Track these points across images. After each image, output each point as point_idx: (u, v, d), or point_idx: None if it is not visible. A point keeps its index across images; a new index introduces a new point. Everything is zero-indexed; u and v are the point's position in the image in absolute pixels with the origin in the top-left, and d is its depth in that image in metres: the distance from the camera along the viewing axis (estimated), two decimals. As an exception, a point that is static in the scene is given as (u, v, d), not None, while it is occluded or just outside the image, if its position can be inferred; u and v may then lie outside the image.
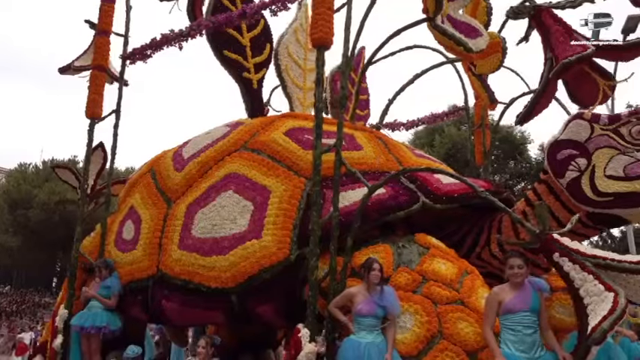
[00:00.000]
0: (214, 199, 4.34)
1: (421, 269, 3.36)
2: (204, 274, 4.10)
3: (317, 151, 3.60)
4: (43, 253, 23.02)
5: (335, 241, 3.44)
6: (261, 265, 3.83)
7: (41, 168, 27.08)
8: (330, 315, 3.28)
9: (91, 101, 5.59)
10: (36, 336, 9.83)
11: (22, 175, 26.54)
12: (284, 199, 4.04)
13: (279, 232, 3.89)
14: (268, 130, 4.76)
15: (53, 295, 24.45)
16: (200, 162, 4.77)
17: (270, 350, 6.76)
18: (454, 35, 4.35)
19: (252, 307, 3.96)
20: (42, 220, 21.89)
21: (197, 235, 4.27)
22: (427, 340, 3.02)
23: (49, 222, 21.74)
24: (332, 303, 3.22)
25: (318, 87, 3.71)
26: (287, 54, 6.39)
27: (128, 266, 4.77)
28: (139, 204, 5.05)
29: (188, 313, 4.28)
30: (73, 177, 6.34)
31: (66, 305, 5.03)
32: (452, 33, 4.31)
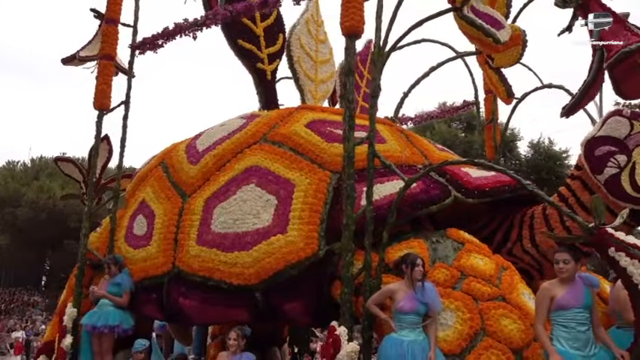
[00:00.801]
0: (235, 192, 4.19)
1: (459, 265, 3.26)
2: (226, 270, 3.95)
3: (350, 143, 3.47)
4: (32, 252, 22.52)
5: (370, 235, 3.32)
6: (288, 261, 3.69)
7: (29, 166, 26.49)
8: (367, 312, 3.15)
9: (100, 92, 5.37)
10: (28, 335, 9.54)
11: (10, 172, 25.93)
12: (309, 193, 3.91)
13: (305, 227, 3.75)
14: (288, 122, 4.62)
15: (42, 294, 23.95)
16: (217, 154, 4.60)
17: (275, 348, 6.63)
18: (483, 26, 4.25)
19: (278, 305, 3.82)
20: (30, 219, 21.40)
21: (217, 230, 4.12)
22: (470, 337, 2.92)
23: (37, 220, 21.27)
24: (370, 300, 3.10)
25: (349, 77, 3.57)
26: (299, 45, 6.24)
27: (141, 263, 4.59)
28: (151, 198, 4.87)
29: (208, 312, 4.12)
30: (76, 170, 6.08)
31: (74, 304, 4.83)
32: (481, 24, 4.21)
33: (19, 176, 25.14)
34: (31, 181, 23.73)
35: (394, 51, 4.27)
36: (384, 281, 3.24)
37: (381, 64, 3.60)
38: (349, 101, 3.55)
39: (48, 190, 22.42)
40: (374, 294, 3.16)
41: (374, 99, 3.56)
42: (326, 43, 6.89)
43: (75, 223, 21.71)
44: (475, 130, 22.28)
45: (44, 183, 23.19)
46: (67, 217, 21.82)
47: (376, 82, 3.57)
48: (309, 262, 3.64)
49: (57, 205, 21.67)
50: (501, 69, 5.95)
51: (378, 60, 3.60)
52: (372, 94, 3.57)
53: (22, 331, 10.49)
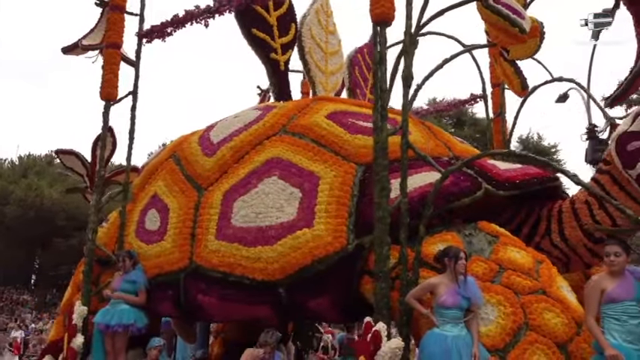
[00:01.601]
0: (256, 185, 4.05)
1: (497, 258, 3.18)
2: (248, 265, 3.82)
3: (383, 133, 3.36)
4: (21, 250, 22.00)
5: (405, 228, 3.22)
6: (315, 255, 3.58)
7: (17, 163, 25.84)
8: (406, 307, 3.06)
9: (106, 82, 5.17)
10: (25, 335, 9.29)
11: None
12: (335, 185, 3.79)
13: (332, 220, 3.63)
14: (307, 113, 4.49)
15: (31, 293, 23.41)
16: (234, 146, 4.45)
17: (281, 345, 6.52)
18: (509, 16, 4.18)
19: (303, 301, 3.70)
20: (18, 217, 20.88)
21: (238, 224, 3.97)
22: (514, 332, 2.85)
23: (25, 218, 20.77)
24: (410, 294, 3.00)
25: (381, 66, 3.46)
26: (310, 36, 6.10)
27: (155, 259, 4.43)
28: (164, 192, 4.69)
29: (229, 308, 3.98)
30: (79, 163, 5.84)
31: (83, 301, 4.64)
32: (507, 13, 4.13)
33: (7, 174, 24.51)
34: (19, 179, 23.15)
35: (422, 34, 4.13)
36: (421, 275, 3.14)
37: (413, 53, 3.49)
38: (382, 90, 3.44)
39: (36, 188, 21.91)
40: (413, 288, 3.06)
41: (406, 88, 3.45)
42: (335, 34, 6.76)
43: (63, 221, 21.28)
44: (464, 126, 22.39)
45: (32, 181, 22.65)
46: (55, 215, 21.35)
47: (409, 69, 3.46)
48: (337, 257, 3.52)
49: (45, 203, 21.20)
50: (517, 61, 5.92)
51: (410, 47, 3.49)
52: (404, 83, 3.46)
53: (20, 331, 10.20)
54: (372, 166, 3.84)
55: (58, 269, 20.81)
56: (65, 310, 5.24)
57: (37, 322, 16.48)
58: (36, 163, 25.12)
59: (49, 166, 25.15)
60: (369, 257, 3.49)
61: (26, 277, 25.00)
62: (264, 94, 8.59)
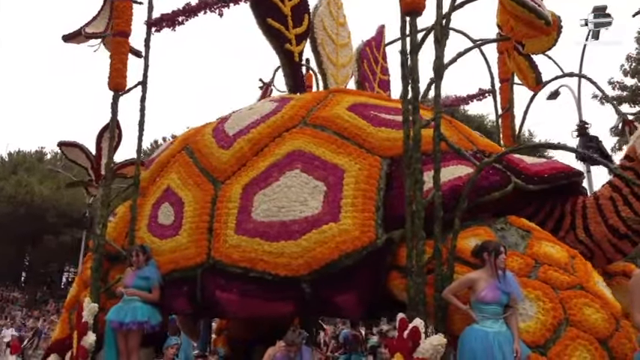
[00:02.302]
0: (277, 178, 3.93)
1: (532, 252, 3.13)
2: (271, 261, 3.71)
3: (416, 125, 3.27)
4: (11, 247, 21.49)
5: (439, 222, 3.14)
6: (342, 250, 3.48)
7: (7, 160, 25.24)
8: (441, 303, 2.98)
9: (115, 71, 4.98)
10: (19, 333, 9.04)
11: (-13, 167, 24.64)
12: (360, 179, 3.70)
13: (359, 214, 3.54)
14: (327, 105, 4.37)
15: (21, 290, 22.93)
16: (252, 139, 4.32)
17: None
18: (535, 8, 4.12)
19: (328, 297, 3.60)
20: (8, 214, 20.38)
21: (259, 218, 3.86)
22: (554, 327, 2.80)
23: (15, 215, 20.29)
24: (447, 290, 2.92)
25: (413, 56, 3.36)
26: (322, 27, 5.99)
27: (169, 254, 4.28)
28: (178, 185, 4.54)
29: (249, 305, 3.86)
30: (83, 156, 5.63)
31: (93, 298, 4.47)
32: (533, 6, 4.07)
33: (-3, 171, 23.96)
34: (8, 176, 22.60)
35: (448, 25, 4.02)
36: (457, 271, 3.07)
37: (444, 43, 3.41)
38: (414, 81, 3.35)
39: (26, 185, 21.42)
40: (447, 284, 2.99)
41: (438, 79, 3.36)
42: (345, 26, 6.66)
43: (53, 218, 20.87)
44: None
45: (22, 177, 22.14)
46: (45, 212, 20.92)
47: (440, 60, 3.37)
48: (366, 252, 3.43)
49: (35, 199, 20.76)
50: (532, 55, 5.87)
51: (442, 38, 3.40)
52: (436, 74, 3.37)
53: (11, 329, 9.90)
54: (397, 159, 3.77)
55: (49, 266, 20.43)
56: (70, 307, 5.07)
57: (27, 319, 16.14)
58: (26, 159, 24.59)
59: (40, 163, 24.66)
60: (398, 252, 3.41)
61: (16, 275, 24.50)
62: (266, 87, 8.46)
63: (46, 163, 24.78)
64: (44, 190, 21.51)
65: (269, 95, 8.44)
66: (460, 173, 3.56)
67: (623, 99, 17.49)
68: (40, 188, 21.65)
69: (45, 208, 20.89)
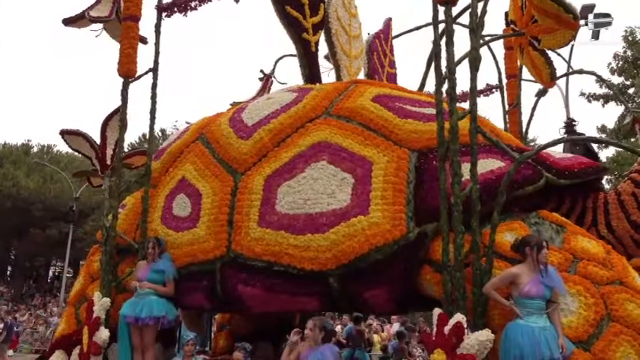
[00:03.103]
0: (303, 170, 3.82)
1: (570, 247, 3.09)
2: (297, 254, 3.60)
3: (454, 116, 3.19)
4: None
5: (477, 216, 3.07)
6: (372, 244, 3.40)
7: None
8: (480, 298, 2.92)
9: (125, 57, 4.79)
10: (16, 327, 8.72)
11: (-27, 160, 23.85)
12: (389, 171, 3.61)
13: (390, 207, 3.46)
14: (351, 96, 4.27)
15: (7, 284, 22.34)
16: (273, 129, 4.20)
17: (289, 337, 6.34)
18: (564, 2, 4.08)
19: (357, 292, 3.52)
20: (-7, 207, 19.84)
21: (284, 210, 3.74)
22: (596, 323, 2.77)
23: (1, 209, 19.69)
24: (489, 285, 2.86)
25: (450, 47, 3.28)
26: (336, 17, 5.88)
27: (187, 247, 4.14)
28: (194, 176, 4.39)
29: (272, 300, 3.76)
30: (87, 145, 5.41)
31: (104, 292, 4.30)
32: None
33: (-19, 164, 23.21)
34: (-6, 169, 22.00)
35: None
36: (495, 266, 3.01)
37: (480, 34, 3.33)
38: (451, 72, 3.26)
39: (12, 178, 20.82)
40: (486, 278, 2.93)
41: (474, 71, 3.29)
42: (357, 18, 6.56)
43: (40, 212, 20.39)
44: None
45: (8, 170, 21.52)
46: (31, 206, 20.39)
47: (477, 51, 3.30)
48: (397, 246, 3.35)
49: (21, 193, 20.20)
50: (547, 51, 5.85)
51: (477, 29, 3.33)
52: (471, 66, 3.29)
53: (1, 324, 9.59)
54: (425, 152, 3.70)
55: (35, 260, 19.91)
56: (75, 301, 4.88)
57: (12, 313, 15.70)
58: (12, 152, 23.90)
59: (26, 156, 24.01)
60: (431, 246, 3.35)
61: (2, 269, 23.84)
62: (266, 78, 8.31)
63: (33, 156, 24.14)
64: (30, 183, 20.97)
65: (269, 87, 8.31)
66: (491, 167, 3.50)
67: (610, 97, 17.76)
68: (27, 181, 21.11)
69: (31, 202, 20.37)
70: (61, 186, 21.30)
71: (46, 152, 25.11)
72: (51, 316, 16.10)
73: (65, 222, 19.49)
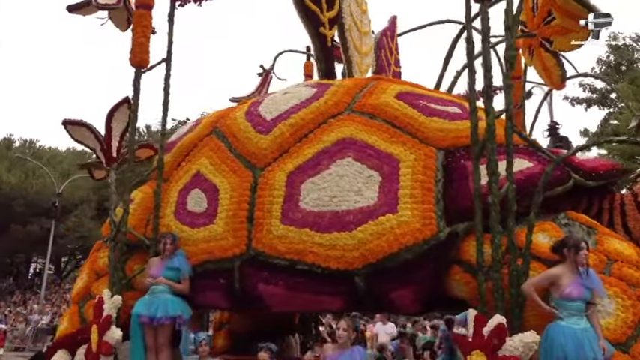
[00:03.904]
0: (327, 167, 3.73)
1: (603, 249, 3.09)
2: (322, 252, 3.52)
3: (491, 115, 3.16)
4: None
5: (513, 216, 3.05)
6: (401, 243, 3.34)
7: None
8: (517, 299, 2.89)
9: (138, 46, 4.61)
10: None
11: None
12: (417, 169, 3.56)
13: (419, 206, 3.41)
14: (373, 92, 4.20)
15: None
16: (294, 124, 4.09)
17: (290, 336, 6.27)
18: (588, 2, 4.09)
19: (384, 292, 3.46)
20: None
21: (308, 208, 3.65)
22: (635, 325, 2.77)
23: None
24: (529, 284, 2.83)
25: (486, 43, 3.25)
26: (350, 13, 5.82)
27: (203, 243, 4.01)
28: (211, 171, 4.26)
29: (295, 299, 3.67)
30: (91, 136, 5.19)
31: (114, 290, 4.14)
32: (587, 1, 4.05)
33: (-38, 159, 22.34)
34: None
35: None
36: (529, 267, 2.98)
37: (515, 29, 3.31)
38: (487, 70, 3.23)
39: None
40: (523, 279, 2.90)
41: (510, 69, 3.26)
42: (367, 14, 6.50)
43: (21, 207, 19.80)
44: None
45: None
46: (13, 201, 19.72)
47: (512, 48, 3.27)
48: (427, 245, 3.31)
49: (3, 188, 19.50)
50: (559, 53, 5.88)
51: (512, 25, 3.30)
52: (507, 63, 3.27)
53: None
54: (452, 150, 3.66)
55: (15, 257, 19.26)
56: (80, 299, 4.69)
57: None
58: (-8, 147, 23.13)
59: (8, 151, 23.22)
60: (461, 246, 3.31)
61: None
62: (266, 73, 8.20)
63: (15, 150, 23.39)
64: (12, 178, 20.28)
65: (269, 82, 8.19)
66: (520, 167, 3.47)
67: (593, 101, 18.18)
68: (8, 176, 20.41)
69: (12, 197, 19.71)
70: (44, 181, 20.69)
71: (28, 147, 24.38)
72: (31, 313, 15.66)
73: (47, 218, 18.96)
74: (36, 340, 13.11)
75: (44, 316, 14.71)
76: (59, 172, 21.56)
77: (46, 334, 12.08)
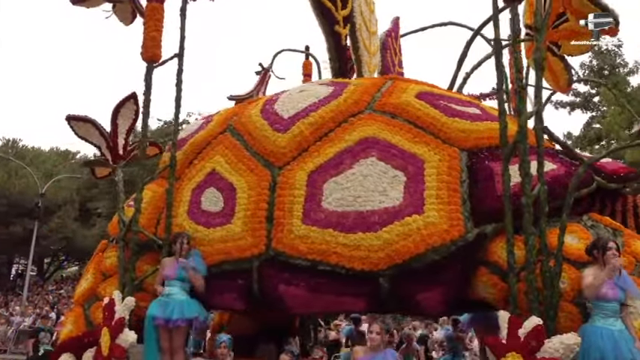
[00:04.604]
0: (350, 166, 3.68)
1: (632, 250, 3.10)
2: (346, 253, 3.45)
3: (523, 116, 3.15)
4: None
5: (545, 217, 3.04)
6: (428, 244, 3.30)
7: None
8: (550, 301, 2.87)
9: (150, 40, 4.47)
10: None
11: None
12: (442, 170, 3.53)
13: (445, 207, 3.38)
14: (393, 92, 4.16)
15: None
16: (314, 122, 4.03)
17: (291, 339, 6.20)
18: (607, 6, 4.14)
19: (409, 294, 3.41)
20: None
21: (331, 208, 3.59)
22: (667, 326, 2.77)
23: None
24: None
25: (516, 45, 3.24)
26: (360, 12, 5.78)
27: (219, 243, 3.90)
28: (227, 169, 4.16)
29: (316, 300, 3.59)
30: (96, 133, 5.02)
31: (127, 291, 3.99)
32: (606, 4, 4.09)
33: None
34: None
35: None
36: (562, 268, 2.98)
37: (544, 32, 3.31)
38: (519, 71, 3.22)
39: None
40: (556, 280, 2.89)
41: (540, 70, 3.26)
42: (374, 14, 6.48)
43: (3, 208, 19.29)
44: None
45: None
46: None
47: (541, 51, 3.27)
48: (455, 247, 3.27)
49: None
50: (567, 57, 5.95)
51: (542, 27, 3.30)
52: (536, 65, 3.27)
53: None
54: (475, 151, 3.65)
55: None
56: (84, 301, 4.52)
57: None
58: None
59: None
60: (489, 247, 3.29)
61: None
62: (264, 72, 8.12)
63: (-4, 150, 22.75)
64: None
65: (267, 81, 8.10)
66: (544, 169, 3.48)
67: (576, 105, 18.55)
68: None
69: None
70: (27, 181, 20.11)
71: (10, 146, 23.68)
72: (12, 315, 15.17)
73: (30, 218, 18.43)
74: (17, 342, 12.70)
75: (26, 318, 14.27)
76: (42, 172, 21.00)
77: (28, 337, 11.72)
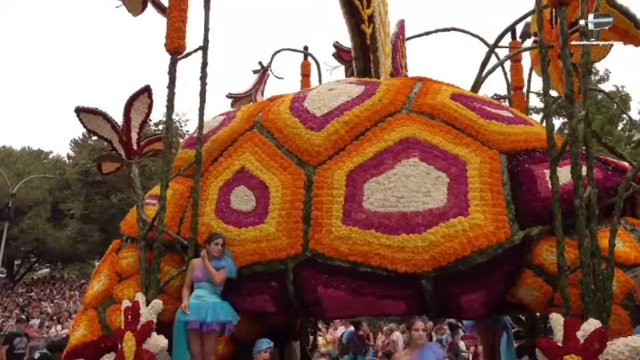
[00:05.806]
0: (392, 166, 3.62)
1: (673, 254, 3.17)
2: (389, 255, 3.39)
3: (575, 119, 3.17)
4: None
5: (595, 219, 3.07)
6: (475, 246, 3.28)
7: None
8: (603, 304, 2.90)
9: (174, 31, 4.28)
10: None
11: None
12: (484, 172, 3.53)
13: (490, 209, 3.37)
14: (427, 93, 4.14)
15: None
16: (350, 121, 3.95)
17: (293, 342, 6.11)
18: (635, 17, 4.23)
19: (454, 296, 3.38)
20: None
21: (373, 208, 3.52)
22: None
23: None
24: None
25: (565, 48, 3.26)
26: (379, 13, 5.73)
27: (252, 244, 3.77)
28: (257, 167, 4.02)
29: (356, 303, 3.52)
30: (107, 126, 4.76)
31: (152, 294, 3.79)
32: (633, 14, 4.18)
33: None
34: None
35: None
36: (605, 271, 3.02)
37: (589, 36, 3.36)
38: (569, 74, 3.24)
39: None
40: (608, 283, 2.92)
41: (587, 74, 3.30)
42: (388, 15, 6.46)
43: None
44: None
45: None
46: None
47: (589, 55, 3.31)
48: (502, 249, 3.27)
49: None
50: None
51: (588, 32, 3.34)
52: (584, 69, 3.30)
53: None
54: (514, 154, 3.66)
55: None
56: (98, 303, 4.27)
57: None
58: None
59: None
60: (534, 250, 3.30)
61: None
62: (263, 71, 8.00)
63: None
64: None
65: (266, 80, 7.97)
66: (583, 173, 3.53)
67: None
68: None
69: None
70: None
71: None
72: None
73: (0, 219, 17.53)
74: (-13, 347, 12.01)
75: (-5, 321, 13.58)
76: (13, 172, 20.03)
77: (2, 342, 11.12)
